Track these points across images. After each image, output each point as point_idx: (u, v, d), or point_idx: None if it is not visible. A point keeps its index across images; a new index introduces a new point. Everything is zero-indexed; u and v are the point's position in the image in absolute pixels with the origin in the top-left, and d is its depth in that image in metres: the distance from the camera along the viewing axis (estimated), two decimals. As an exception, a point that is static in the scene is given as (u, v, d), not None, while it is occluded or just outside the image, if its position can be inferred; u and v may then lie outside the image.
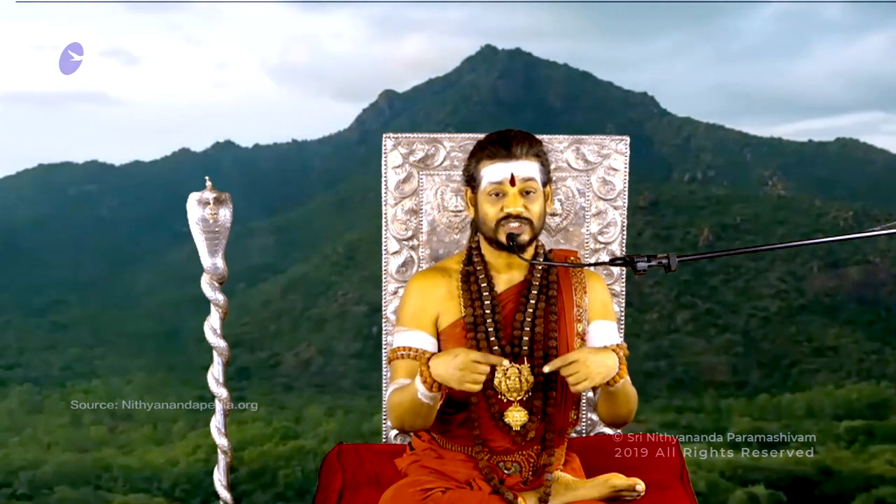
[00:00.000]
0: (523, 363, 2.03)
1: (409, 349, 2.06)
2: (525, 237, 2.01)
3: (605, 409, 2.05)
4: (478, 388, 1.83)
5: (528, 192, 2.01)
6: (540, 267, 2.09)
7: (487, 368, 1.83)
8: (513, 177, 2.00)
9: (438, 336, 2.09)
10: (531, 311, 2.05)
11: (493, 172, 2.02)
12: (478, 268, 2.09)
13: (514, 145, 2.02)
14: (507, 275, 2.10)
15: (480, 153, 2.05)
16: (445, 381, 1.83)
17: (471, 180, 2.09)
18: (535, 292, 2.07)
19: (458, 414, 2.06)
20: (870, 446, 14.27)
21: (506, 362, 1.87)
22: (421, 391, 1.87)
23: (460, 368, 1.81)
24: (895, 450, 13.54)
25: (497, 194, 2.02)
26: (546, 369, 1.87)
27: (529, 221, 2.01)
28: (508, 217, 2.00)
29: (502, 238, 2.02)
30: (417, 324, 2.08)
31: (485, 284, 2.07)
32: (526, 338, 2.04)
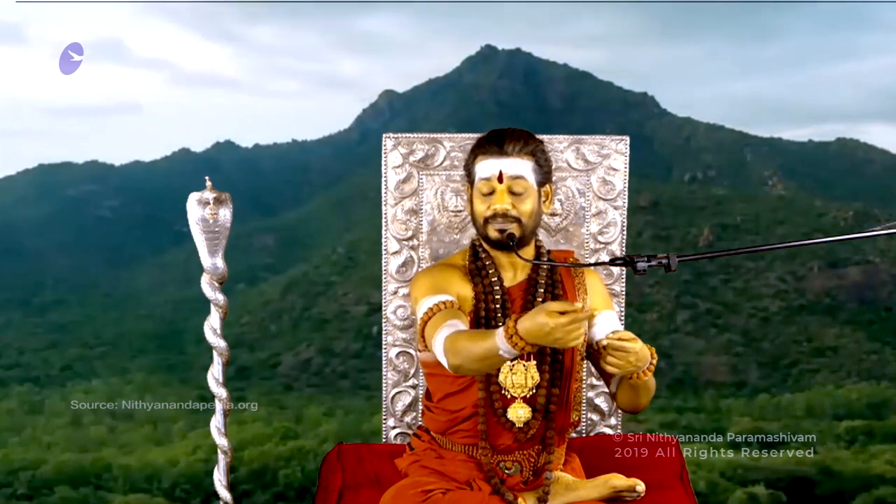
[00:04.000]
0: (529, 360, 2.04)
1: (441, 303, 1.99)
2: (514, 234, 2.00)
3: (624, 398, 2.03)
4: (581, 341, 1.75)
5: (517, 191, 2.01)
6: (543, 266, 2.10)
7: (581, 325, 1.73)
8: (500, 174, 2.00)
9: None
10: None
11: (484, 169, 2.03)
12: (486, 262, 2.09)
13: (507, 143, 2.02)
14: (511, 272, 2.11)
15: (477, 149, 2.07)
16: (544, 344, 1.75)
17: (468, 176, 2.10)
18: (541, 290, 2.07)
19: (463, 409, 2.06)
20: (870, 446, 14.26)
21: (582, 305, 1.77)
22: (505, 349, 1.76)
23: (556, 335, 1.71)
24: (895, 450, 13.53)
25: (487, 191, 2.02)
26: (604, 342, 1.83)
27: (518, 220, 2.00)
28: (495, 214, 2.00)
29: (490, 235, 2.02)
30: (440, 290, 2.03)
31: (495, 279, 2.07)
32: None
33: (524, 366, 2.03)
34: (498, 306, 2.04)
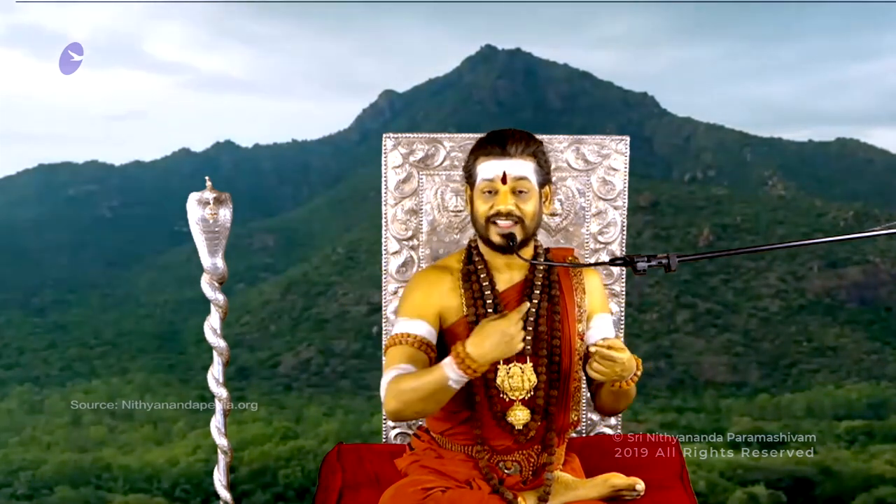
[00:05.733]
0: (526, 362, 2.03)
1: (408, 335, 2.02)
2: (517, 236, 2.00)
3: (603, 401, 2.05)
4: (522, 345, 1.87)
5: (520, 192, 2.00)
6: (541, 266, 2.09)
7: (520, 330, 1.85)
8: (504, 175, 2.00)
9: (442, 332, 2.08)
10: (534, 310, 2.05)
11: (486, 170, 2.02)
12: (478, 266, 2.09)
13: (510, 144, 2.01)
14: (507, 274, 2.09)
15: (478, 150, 2.06)
16: (498, 357, 1.86)
17: (469, 177, 2.09)
18: (537, 292, 2.07)
19: (461, 412, 2.06)
20: (870, 446, 14.28)
21: (526, 305, 1.89)
22: (454, 378, 1.84)
23: (501, 342, 1.83)
24: (895, 450, 13.55)
25: (490, 192, 2.02)
26: (592, 349, 1.87)
27: (521, 220, 2.00)
28: (498, 214, 2.00)
29: (492, 237, 2.01)
30: (419, 314, 2.05)
31: (486, 283, 2.07)
32: (529, 337, 2.04)
33: (521, 368, 2.02)
34: (491, 311, 2.04)
